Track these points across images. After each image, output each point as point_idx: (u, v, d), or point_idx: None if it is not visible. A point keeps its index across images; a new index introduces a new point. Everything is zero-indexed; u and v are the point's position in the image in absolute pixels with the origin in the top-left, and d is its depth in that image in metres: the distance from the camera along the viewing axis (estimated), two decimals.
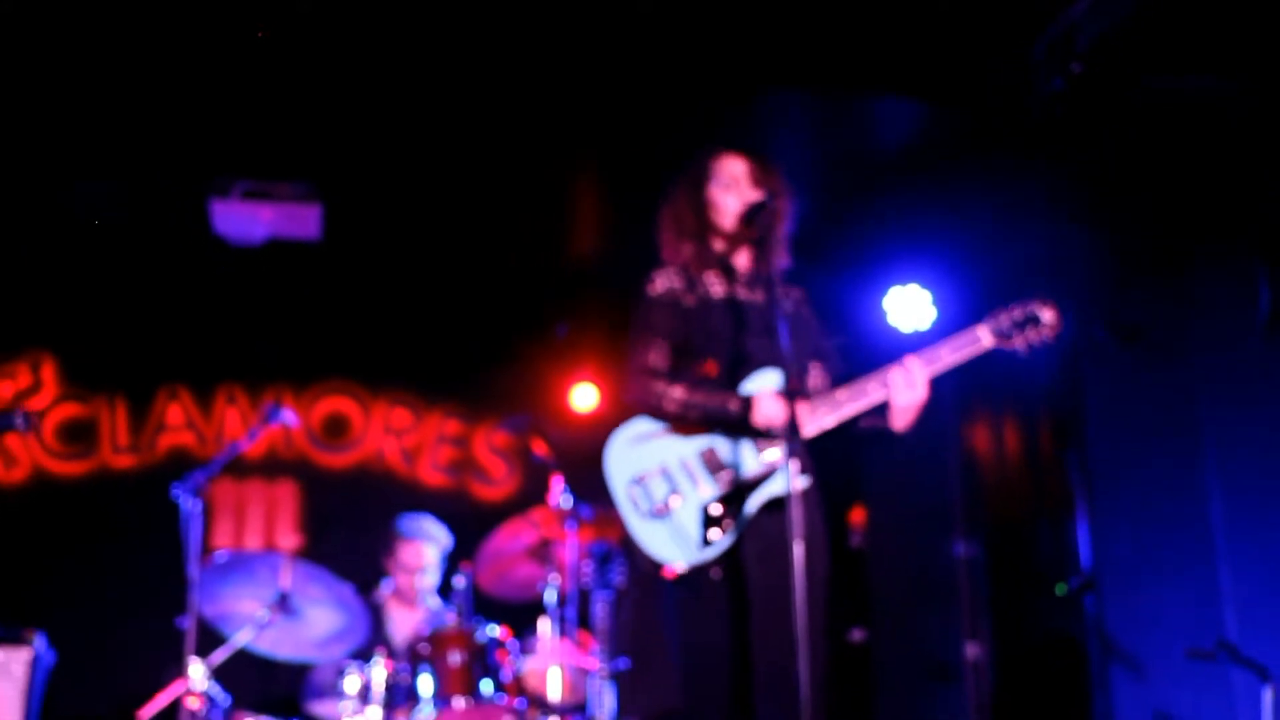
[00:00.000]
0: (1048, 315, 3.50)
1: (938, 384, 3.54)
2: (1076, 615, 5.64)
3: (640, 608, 5.31)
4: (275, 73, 5.49)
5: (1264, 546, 4.89)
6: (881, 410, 3.51)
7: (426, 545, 5.93)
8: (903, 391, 3.45)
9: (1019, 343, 3.50)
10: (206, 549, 5.11)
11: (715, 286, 3.71)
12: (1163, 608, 5.23)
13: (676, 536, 3.47)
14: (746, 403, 3.46)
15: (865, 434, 3.63)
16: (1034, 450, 6.24)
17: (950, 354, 3.48)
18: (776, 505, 3.44)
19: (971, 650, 6.40)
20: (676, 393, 3.53)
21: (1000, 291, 6.39)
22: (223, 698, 5.00)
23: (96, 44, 5.30)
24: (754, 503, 3.48)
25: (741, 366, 3.57)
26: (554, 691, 4.96)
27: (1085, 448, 5.69)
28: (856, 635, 7.05)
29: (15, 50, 5.29)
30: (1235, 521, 5.02)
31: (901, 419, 3.51)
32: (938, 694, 6.54)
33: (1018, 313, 3.50)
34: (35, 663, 5.15)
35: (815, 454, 3.59)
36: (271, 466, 7.12)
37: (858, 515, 7.27)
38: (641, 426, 3.61)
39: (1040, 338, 3.50)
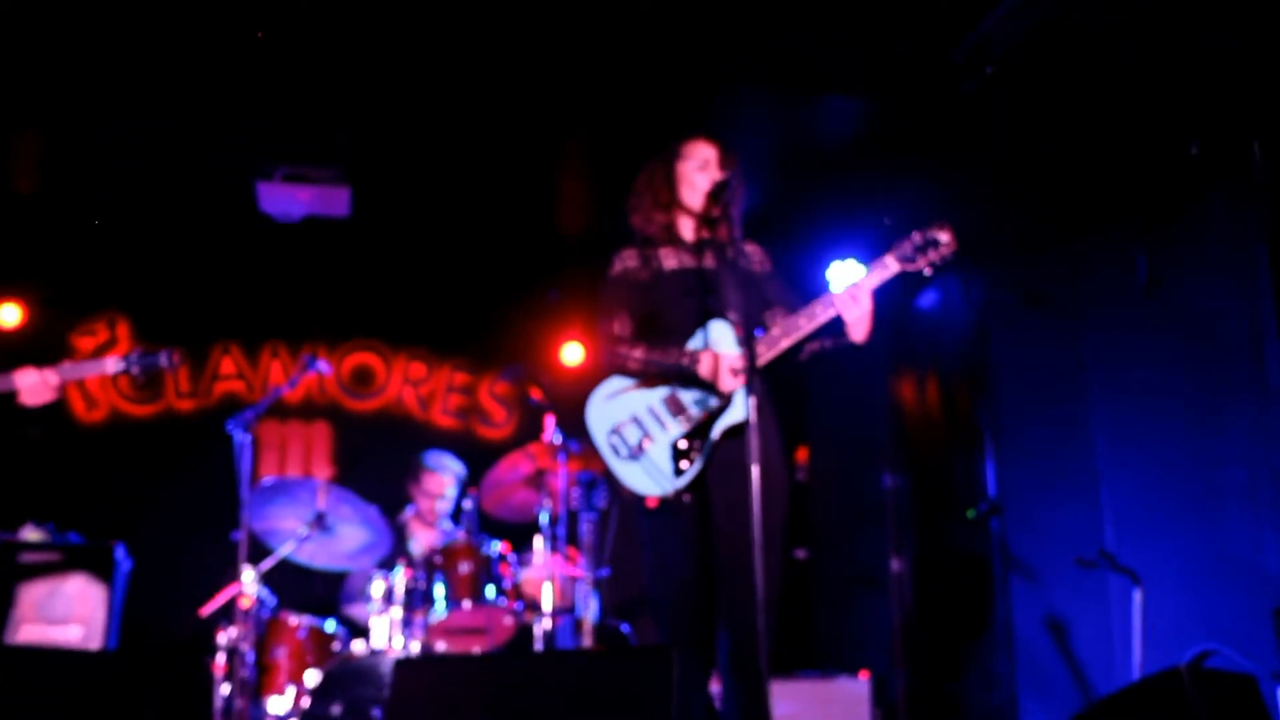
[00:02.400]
0: (944, 236, 3.38)
1: (871, 344, 3.59)
2: (984, 535, 5.61)
3: (622, 531, 5.29)
4: (312, 74, 5.60)
5: (1137, 472, 4.88)
6: (837, 332, 3.52)
7: (445, 476, 6.01)
8: (851, 308, 3.45)
9: (923, 264, 3.40)
10: (255, 476, 5.00)
11: (669, 260, 3.72)
12: (1054, 527, 5.22)
13: (652, 472, 3.51)
14: (692, 357, 3.52)
15: (825, 354, 3.65)
16: (950, 397, 6.16)
17: (870, 279, 3.46)
18: (735, 432, 3.47)
19: (896, 564, 6.39)
20: (637, 353, 3.60)
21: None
22: (270, 599, 5.19)
23: (152, 54, 5.38)
24: (715, 431, 3.51)
25: (694, 323, 3.62)
26: (547, 597, 5.04)
27: (993, 394, 5.64)
28: (799, 554, 7.04)
29: (73, 52, 5.35)
30: (1114, 452, 5.02)
31: (858, 331, 3.50)
32: (867, 601, 6.53)
33: (918, 238, 3.41)
34: (116, 567, 5.23)
35: (769, 390, 3.61)
36: (308, 410, 7.19)
37: (801, 454, 7.26)
38: (612, 385, 3.65)
39: (940, 257, 3.38)
